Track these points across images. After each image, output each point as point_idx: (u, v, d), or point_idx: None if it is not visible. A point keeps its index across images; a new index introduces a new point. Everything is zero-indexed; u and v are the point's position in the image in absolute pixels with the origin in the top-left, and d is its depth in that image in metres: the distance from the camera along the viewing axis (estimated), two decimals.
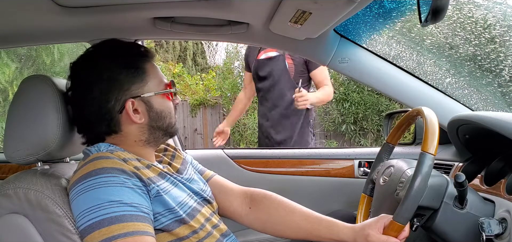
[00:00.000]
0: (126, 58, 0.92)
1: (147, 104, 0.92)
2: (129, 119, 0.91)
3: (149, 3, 1.08)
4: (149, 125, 0.93)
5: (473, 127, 1.10)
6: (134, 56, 0.93)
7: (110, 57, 0.91)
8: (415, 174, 0.84)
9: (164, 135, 0.97)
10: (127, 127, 0.92)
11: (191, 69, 10.63)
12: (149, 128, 0.94)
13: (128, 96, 0.90)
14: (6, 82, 4.01)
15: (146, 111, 0.92)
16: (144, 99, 0.92)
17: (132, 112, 0.90)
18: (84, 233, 0.77)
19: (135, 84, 0.91)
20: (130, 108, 0.90)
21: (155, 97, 0.93)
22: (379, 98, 5.61)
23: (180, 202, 0.91)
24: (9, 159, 0.89)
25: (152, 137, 0.95)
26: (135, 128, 0.92)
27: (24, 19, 1.12)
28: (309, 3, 0.93)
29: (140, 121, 0.92)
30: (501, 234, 0.88)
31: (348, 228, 0.98)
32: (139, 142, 0.94)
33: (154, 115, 0.93)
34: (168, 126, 0.96)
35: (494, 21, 1.57)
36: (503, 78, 1.54)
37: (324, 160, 1.67)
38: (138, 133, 0.93)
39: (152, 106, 0.93)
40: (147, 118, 0.93)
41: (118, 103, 0.90)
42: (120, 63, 0.90)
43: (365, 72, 1.35)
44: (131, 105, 0.90)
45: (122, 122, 0.91)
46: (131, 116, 0.90)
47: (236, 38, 1.36)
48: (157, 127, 0.95)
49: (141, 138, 0.94)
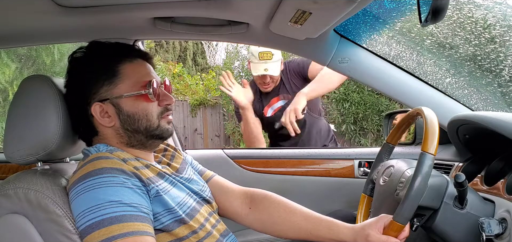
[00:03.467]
0: (98, 61, 0.91)
1: (116, 107, 0.90)
2: (101, 122, 0.91)
3: (149, 3, 1.07)
4: (123, 127, 0.91)
5: (473, 127, 1.10)
6: (107, 58, 0.91)
7: (83, 60, 0.92)
8: (415, 174, 0.84)
9: (150, 137, 0.93)
10: (102, 129, 0.92)
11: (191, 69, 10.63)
12: (124, 131, 0.91)
13: (96, 100, 0.89)
14: (6, 82, 4.01)
15: (116, 114, 0.90)
16: (113, 102, 0.89)
17: (100, 115, 0.89)
18: (84, 233, 0.77)
19: (104, 87, 0.89)
20: (97, 112, 0.89)
21: (125, 100, 0.89)
22: (379, 98, 5.61)
23: (179, 202, 0.91)
24: (9, 159, 0.89)
25: (135, 139, 0.92)
26: (109, 130, 0.92)
27: (24, 19, 1.12)
28: (309, 3, 0.93)
29: (109, 125, 0.90)
30: (501, 234, 0.88)
31: (348, 228, 0.98)
32: (124, 144, 0.93)
33: (124, 118, 0.90)
34: (147, 128, 0.91)
35: (494, 21, 1.57)
36: (503, 78, 1.53)
37: (324, 160, 1.67)
38: (114, 135, 0.92)
39: (122, 109, 0.90)
40: (118, 121, 0.90)
41: (89, 107, 0.90)
42: (90, 66, 0.90)
43: (365, 72, 1.35)
44: (98, 108, 0.89)
45: (96, 124, 0.92)
46: (98, 119, 0.90)
47: (236, 38, 1.36)
48: (133, 130, 0.91)
49: (121, 140, 0.92)
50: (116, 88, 0.89)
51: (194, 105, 7.49)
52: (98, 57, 0.92)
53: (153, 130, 0.92)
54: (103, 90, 0.89)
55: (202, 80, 8.20)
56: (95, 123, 0.91)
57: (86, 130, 0.93)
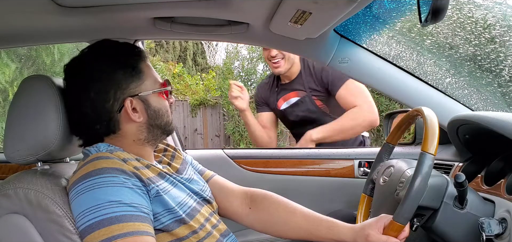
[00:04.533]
0: (122, 58, 0.92)
1: (144, 103, 0.93)
2: (128, 118, 0.91)
3: (149, 3, 1.08)
4: (148, 123, 0.94)
5: (473, 127, 1.10)
6: (130, 56, 0.93)
7: (106, 57, 0.92)
8: (415, 174, 0.84)
9: (162, 133, 0.98)
10: (125, 126, 0.92)
11: (191, 69, 10.63)
12: (147, 127, 0.94)
13: (126, 95, 0.90)
14: (6, 82, 4.01)
15: (144, 109, 0.93)
16: (141, 97, 0.92)
17: (131, 111, 0.91)
18: (84, 233, 0.77)
19: (133, 83, 0.91)
20: (129, 107, 0.90)
21: (152, 96, 0.94)
22: (379, 98, 5.60)
23: (179, 202, 0.91)
24: (9, 159, 0.89)
25: (151, 135, 0.95)
26: (133, 126, 0.93)
27: (24, 19, 1.12)
28: (309, 3, 0.93)
29: (138, 120, 0.92)
30: (501, 234, 0.88)
31: (348, 228, 0.98)
32: (138, 141, 0.94)
33: (152, 113, 0.94)
34: (166, 124, 0.97)
35: (494, 21, 1.57)
36: (503, 78, 1.54)
37: (324, 160, 1.67)
38: (136, 132, 0.93)
39: (150, 105, 0.93)
40: (146, 117, 0.93)
41: (117, 103, 0.90)
42: (116, 62, 0.91)
43: (365, 72, 1.35)
44: (130, 104, 0.90)
45: (121, 121, 0.91)
46: (130, 115, 0.91)
47: (236, 38, 1.36)
48: (156, 125, 0.95)
49: (140, 137, 0.94)
50: (143, 85, 0.93)
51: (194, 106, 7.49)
52: (124, 55, 0.93)
53: (169, 125, 0.98)
54: (132, 86, 0.91)
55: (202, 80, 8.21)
56: (120, 118, 0.91)
57: (106, 127, 0.91)
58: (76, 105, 0.90)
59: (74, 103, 0.90)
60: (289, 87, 2.03)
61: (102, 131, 0.91)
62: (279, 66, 1.96)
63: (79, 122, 0.91)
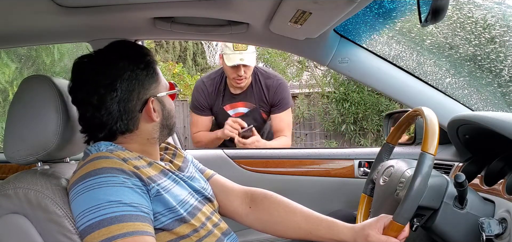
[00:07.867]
0: (143, 59, 0.93)
1: (161, 104, 0.96)
2: (147, 118, 0.93)
3: (149, 3, 1.08)
4: (162, 123, 0.96)
5: (473, 127, 1.10)
6: (149, 57, 0.95)
7: (129, 58, 0.91)
8: (415, 174, 0.84)
9: (169, 133, 1.00)
10: (143, 125, 0.93)
11: (191, 69, 10.62)
12: (161, 126, 0.96)
13: (148, 95, 0.92)
14: (6, 82, 4.00)
15: (161, 110, 0.96)
16: (159, 98, 0.95)
17: (153, 110, 0.93)
18: (84, 233, 0.77)
19: (153, 83, 0.94)
20: (151, 107, 0.92)
21: (166, 97, 0.97)
22: (379, 98, 5.61)
23: (181, 200, 0.91)
24: (9, 159, 0.89)
25: (161, 134, 0.98)
26: (150, 126, 0.94)
27: (24, 19, 1.12)
28: (309, 3, 0.93)
29: (157, 119, 0.94)
30: (501, 234, 0.88)
31: (348, 228, 0.98)
32: (151, 140, 0.96)
33: (166, 114, 0.97)
34: (173, 124, 1.01)
35: (494, 21, 1.58)
36: (503, 78, 1.54)
37: (324, 160, 1.67)
38: (152, 131, 0.95)
39: (165, 105, 0.96)
40: (161, 117, 0.96)
41: (140, 102, 0.91)
42: (139, 63, 0.92)
43: (365, 72, 1.35)
44: (150, 103, 0.92)
45: (140, 120, 0.93)
46: (151, 114, 0.92)
47: (236, 38, 1.36)
48: (166, 125, 0.98)
49: (154, 135, 0.96)
50: (159, 86, 0.95)
51: None
52: (144, 56, 0.94)
53: (175, 125, 1.02)
54: (152, 87, 0.93)
55: None
56: (140, 118, 0.92)
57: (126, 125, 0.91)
58: (94, 103, 0.88)
59: (90, 101, 0.88)
60: (238, 97, 2.12)
61: (120, 129, 0.91)
62: (241, 83, 2.06)
63: (95, 119, 0.89)
